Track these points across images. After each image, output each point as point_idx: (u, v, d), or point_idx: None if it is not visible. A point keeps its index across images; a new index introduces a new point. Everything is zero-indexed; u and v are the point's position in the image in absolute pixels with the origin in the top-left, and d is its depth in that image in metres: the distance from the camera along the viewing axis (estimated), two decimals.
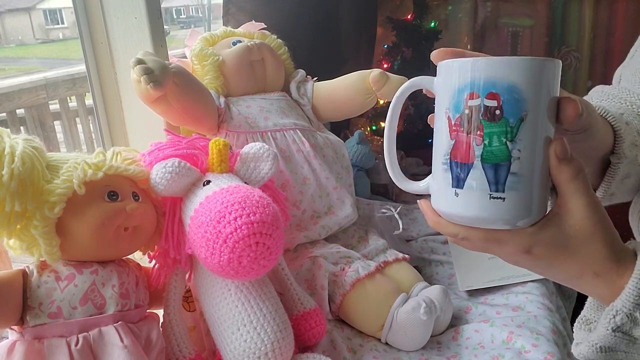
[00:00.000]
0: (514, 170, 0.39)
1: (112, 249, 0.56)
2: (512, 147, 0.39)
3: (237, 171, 0.63)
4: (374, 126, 1.55)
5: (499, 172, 0.39)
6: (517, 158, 0.39)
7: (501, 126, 0.39)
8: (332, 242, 0.85)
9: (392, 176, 0.47)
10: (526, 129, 0.39)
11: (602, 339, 0.40)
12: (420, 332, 0.69)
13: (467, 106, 0.39)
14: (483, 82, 0.39)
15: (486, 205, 0.40)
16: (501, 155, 0.39)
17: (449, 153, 0.41)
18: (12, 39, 5.75)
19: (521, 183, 0.39)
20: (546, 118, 0.39)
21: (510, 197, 0.39)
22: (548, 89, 0.39)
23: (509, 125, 0.39)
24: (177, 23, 9.05)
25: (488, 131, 0.39)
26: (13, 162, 0.49)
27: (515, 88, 0.38)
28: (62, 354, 0.50)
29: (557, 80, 0.40)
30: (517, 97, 0.38)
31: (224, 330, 0.59)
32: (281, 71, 0.92)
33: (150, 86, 0.66)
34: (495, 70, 0.39)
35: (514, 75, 0.38)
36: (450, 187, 0.41)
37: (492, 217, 0.40)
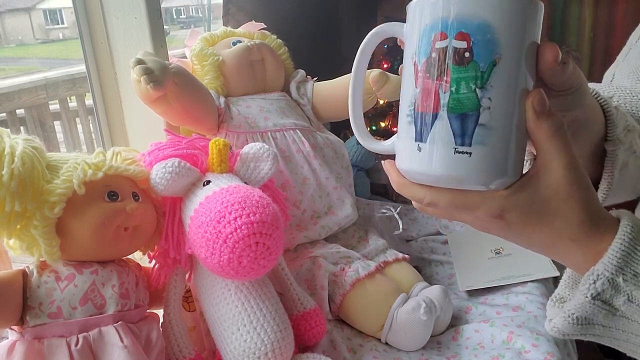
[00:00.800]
0: (483, 121, 0.34)
1: (112, 249, 0.56)
2: (481, 95, 0.34)
3: (237, 171, 0.64)
4: (374, 126, 1.55)
5: (465, 122, 0.35)
6: (487, 108, 0.34)
7: (470, 70, 0.34)
8: (332, 242, 0.85)
9: (357, 135, 0.43)
10: (499, 75, 0.34)
11: (579, 307, 0.36)
12: (420, 332, 0.69)
13: (435, 48, 0.35)
14: (452, 21, 0.34)
15: (451, 160, 0.35)
16: (469, 103, 0.34)
17: (413, 103, 0.37)
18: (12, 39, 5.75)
19: (491, 137, 0.34)
20: (524, 66, 0.35)
21: (478, 152, 0.35)
22: (526, 32, 0.34)
23: (480, 70, 0.34)
24: (177, 23, 9.05)
25: (456, 76, 0.34)
26: (13, 162, 0.49)
27: (487, 27, 0.34)
28: (62, 354, 0.50)
29: (538, 24, 0.35)
30: (489, 38, 0.34)
31: (224, 330, 0.59)
32: (281, 71, 0.92)
33: (150, 86, 0.66)
34: (466, 7, 0.34)
35: (487, 13, 0.34)
36: (413, 142, 0.36)
37: (459, 175, 0.35)
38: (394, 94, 0.88)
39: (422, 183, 0.38)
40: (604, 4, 1.59)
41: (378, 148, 0.42)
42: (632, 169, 0.51)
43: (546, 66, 0.35)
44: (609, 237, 0.36)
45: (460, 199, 0.37)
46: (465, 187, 0.37)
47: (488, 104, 0.34)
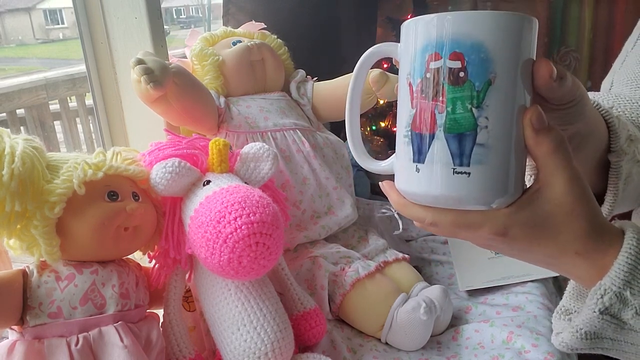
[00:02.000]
0: (481, 141, 0.34)
1: (112, 249, 0.56)
2: (478, 115, 0.34)
3: (237, 171, 0.64)
4: (374, 126, 1.55)
5: (463, 142, 0.35)
6: (484, 127, 0.34)
7: (465, 90, 0.34)
8: (332, 242, 0.85)
9: (354, 154, 0.43)
10: (495, 94, 0.34)
11: (587, 323, 0.36)
12: (420, 332, 0.69)
13: (429, 69, 0.35)
14: (446, 41, 0.34)
15: (450, 181, 0.35)
16: (466, 123, 0.34)
17: (409, 124, 0.36)
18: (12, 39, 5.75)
19: (490, 156, 0.34)
20: (520, 83, 0.34)
21: (477, 172, 0.34)
22: (521, 50, 0.34)
23: (475, 90, 0.34)
24: (177, 23, 9.06)
25: (451, 96, 0.34)
26: (13, 162, 0.49)
27: (481, 46, 0.34)
28: (62, 354, 0.50)
29: (533, 40, 0.35)
30: (483, 57, 0.34)
31: (224, 330, 0.59)
32: (281, 71, 0.92)
33: (150, 86, 0.66)
34: (459, 27, 0.34)
35: (480, 32, 0.33)
36: (411, 162, 0.36)
37: (458, 195, 0.35)
38: (394, 94, 0.88)
39: (422, 204, 0.38)
40: (604, 4, 1.59)
41: (376, 169, 0.42)
42: (637, 179, 0.50)
43: (542, 82, 0.35)
44: (615, 250, 0.35)
45: (462, 219, 0.37)
46: (465, 208, 0.36)
47: (485, 123, 0.34)
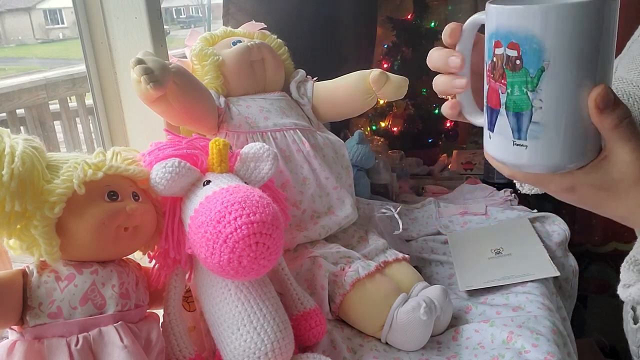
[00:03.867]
0: (536, 119, 0.39)
1: (112, 249, 0.56)
2: (532, 97, 0.39)
3: (237, 171, 0.63)
4: (374, 126, 1.55)
5: (520, 120, 0.40)
6: (539, 108, 0.39)
7: (521, 76, 0.39)
8: (332, 242, 0.85)
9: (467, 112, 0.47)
10: (548, 79, 0.38)
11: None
12: (420, 332, 0.69)
13: (495, 54, 0.40)
14: (504, 32, 0.39)
15: (511, 151, 0.41)
16: (522, 104, 0.39)
17: (485, 97, 0.43)
18: (12, 39, 5.76)
19: (544, 132, 0.39)
20: (577, 67, 0.38)
21: (533, 145, 0.40)
22: (574, 39, 0.37)
23: (529, 75, 0.38)
24: (177, 23, 9.06)
25: (510, 80, 0.39)
26: (13, 162, 0.49)
27: (533, 38, 0.37)
28: (62, 354, 0.50)
29: (596, 25, 0.37)
30: (535, 47, 0.37)
31: (224, 330, 0.59)
32: (281, 71, 0.92)
33: (150, 86, 0.66)
34: (514, 20, 0.38)
35: (532, 25, 0.37)
36: (487, 129, 0.43)
37: (518, 163, 0.41)
38: (394, 94, 0.88)
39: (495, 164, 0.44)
40: None
41: (480, 122, 0.47)
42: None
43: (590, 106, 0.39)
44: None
45: (531, 176, 0.43)
46: (525, 172, 0.42)
47: (539, 105, 0.38)
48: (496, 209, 1.04)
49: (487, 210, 1.04)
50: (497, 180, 1.25)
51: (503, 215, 1.02)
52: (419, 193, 1.25)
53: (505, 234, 0.94)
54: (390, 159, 1.31)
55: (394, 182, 1.20)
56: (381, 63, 1.57)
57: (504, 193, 1.12)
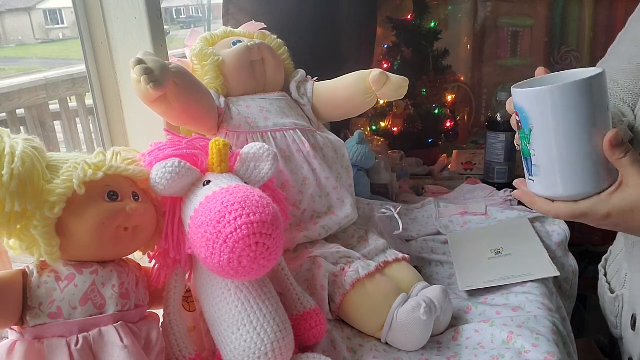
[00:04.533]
0: (534, 162, 0.57)
1: (112, 249, 0.56)
2: (530, 147, 0.56)
3: (237, 171, 0.63)
4: (374, 126, 1.55)
5: (527, 162, 0.58)
6: (534, 155, 0.56)
7: (522, 133, 0.57)
8: (332, 242, 0.85)
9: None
10: (536, 136, 0.55)
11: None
12: (420, 332, 0.69)
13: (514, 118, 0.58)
14: (515, 106, 0.56)
15: (529, 184, 0.59)
16: (526, 152, 0.57)
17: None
18: (12, 39, 5.76)
19: (540, 171, 0.56)
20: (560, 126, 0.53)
21: (537, 179, 0.57)
22: (552, 110, 0.53)
23: (525, 133, 0.56)
24: (177, 23, 9.06)
25: (520, 136, 0.58)
26: (13, 162, 0.49)
27: (522, 109, 0.55)
28: (62, 354, 0.50)
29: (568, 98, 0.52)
30: (524, 115, 0.55)
31: (224, 330, 0.59)
32: (281, 71, 0.92)
33: (150, 86, 0.66)
34: (515, 98, 0.56)
35: (521, 101, 0.55)
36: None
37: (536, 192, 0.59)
38: (393, 94, 0.88)
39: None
40: (604, 4, 1.59)
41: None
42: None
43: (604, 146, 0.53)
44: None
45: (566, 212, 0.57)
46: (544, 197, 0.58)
47: (534, 152, 0.56)
48: (496, 209, 1.04)
49: (487, 210, 1.04)
50: (497, 180, 1.25)
51: (503, 215, 1.02)
52: (419, 193, 1.25)
53: (505, 234, 0.94)
54: (390, 159, 1.31)
55: (394, 182, 1.20)
56: (381, 63, 1.57)
57: (504, 193, 1.12)
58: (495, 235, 0.95)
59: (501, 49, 1.71)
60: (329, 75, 0.95)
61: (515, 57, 1.71)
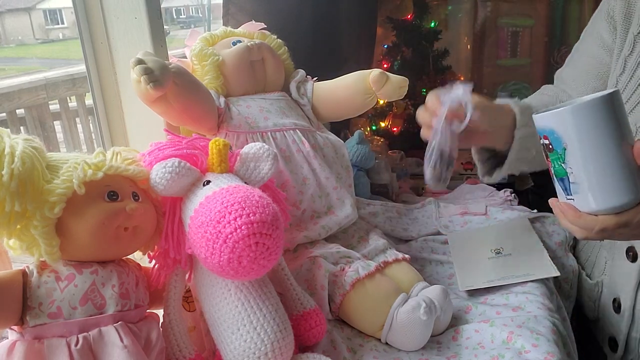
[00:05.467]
0: (572, 180, 0.59)
1: (112, 249, 0.56)
2: (565, 167, 0.59)
3: (237, 171, 0.63)
4: (374, 126, 1.55)
5: (564, 183, 0.60)
6: (571, 173, 0.59)
7: (554, 155, 0.59)
8: (332, 242, 0.85)
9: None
10: (570, 154, 0.58)
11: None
12: (420, 332, 0.69)
13: (542, 144, 0.61)
14: (539, 130, 0.60)
15: (570, 203, 0.61)
16: (561, 172, 0.60)
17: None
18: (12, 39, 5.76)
19: (579, 188, 0.59)
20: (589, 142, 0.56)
21: (577, 197, 0.60)
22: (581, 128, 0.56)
23: (558, 154, 0.59)
24: (177, 23, 9.06)
25: (551, 158, 0.60)
26: (13, 162, 0.49)
27: (553, 132, 0.58)
28: (62, 354, 0.50)
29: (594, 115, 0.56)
30: (556, 136, 0.58)
31: (224, 330, 0.59)
32: (281, 71, 0.92)
33: (150, 86, 0.66)
34: (540, 122, 0.60)
35: (551, 125, 0.59)
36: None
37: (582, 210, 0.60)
38: (394, 94, 0.88)
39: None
40: None
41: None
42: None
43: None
44: None
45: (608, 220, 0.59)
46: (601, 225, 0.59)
47: (571, 170, 0.59)
48: (496, 209, 1.04)
49: (487, 210, 1.04)
50: None
51: (503, 215, 1.02)
52: (419, 193, 1.25)
53: (505, 234, 0.94)
54: (390, 159, 1.31)
55: (394, 182, 1.20)
56: (381, 63, 1.57)
57: (504, 193, 1.12)
58: (495, 235, 0.95)
59: (501, 49, 1.71)
60: (329, 75, 0.95)
61: (515, 57, 1.71)
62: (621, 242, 0.80)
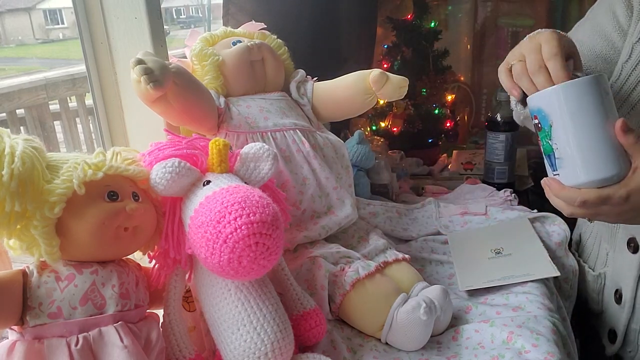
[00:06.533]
0: (557, 155, 0.62)
1: (112, 249, 0.56)
2: (551, 143, 0.62)
3: (237, 171, 0.63)
4: (374, 126, 1.55)
5: (551, 159, 0.64)
6: (556, 148, 0.62)
7: (542, 132, 0.63)
8: (332, 242, 0.85)
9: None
10: (555, 131, 0.61)
11: None
12: (420, 332, 0.69)
13: (533, 124, 0.64)
14: (531, 110, 0.64)
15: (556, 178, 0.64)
16: (548, 149, 0.63)
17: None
18: (12, 39, 5.76)
19: (563, 163, 0.62)
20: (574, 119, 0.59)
21: (562, 172, 0.63)
22: (567, 106, 0.60)
23: (545, 131, 0.62)
24: (177, 23, 9.07)
25: (540, 136, 0.63)
26: (13, 162, 0.49)
27: (540, 110, 0.62)
28: (62, 354, 0.50)
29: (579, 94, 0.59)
30: (542, 115, 0.62)
31: (224, 330, 0.59)
32: (281, 71, 0.92)
33: (150, 86, 0.66)
34: (532, 102, 0.63)
35: (537, 103, 0.63)
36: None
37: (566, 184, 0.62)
38: (394, 94, 0.88)
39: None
40: None
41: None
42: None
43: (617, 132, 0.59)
44: None
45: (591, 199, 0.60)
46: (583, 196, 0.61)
47: (556, 146, 0.62)
48: (496, 209, 1.04)
49: (487, 210, 1.04)
50: (497, 180, 1.25)
51: (503, 215, 1.02)
52: (419, 193, 1.25)
53: (505, 234, 0.94)
54: (390, 159, 1.31)
55: (394, 182, 1.20)
56: (381, 63, 1.56)
57: (504, 193, 1.12)
58: (495, 235, 0.95)
59: (501, 49, 1.71)
60: (329, 75, 0.95)
61: None
62: (622, 233, 0.80)
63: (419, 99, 1.51)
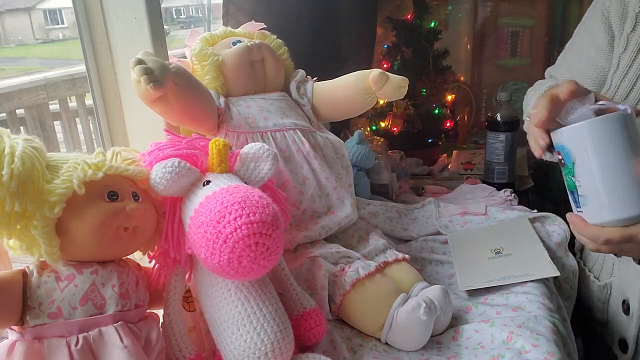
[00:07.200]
0: (580, 193, 0.62)
1: (112, 249, 0.56)
2: (574, 180, 0.62)
3: (237, 171, 0.64)
4: (374, 126, 1.55)
5: (574, 195, 0.63)
6: (579, 186, 0.61)
7: (566, 169, 0.62)
8: (332, 242, 0.85)
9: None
10: (579, 168, 0.60)
11: None
12: (420, 332, 0.69)
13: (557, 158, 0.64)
14: (555, 146, 0.63)
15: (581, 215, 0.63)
16: (571, 185, 0.63)
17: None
18: (12, 39, 5.76)
19: (587, 201, 0.61)
20: (598, 156, 0.59)
21: (585, 209, 0.62)
22: (591, 143, 0.59)
23: (569, 168, 0.62)
24: (177, 23, 9.07)
25: (564, 172, 0.63)
26: (13, 162, 0.49)
27: (563, 147, 0.61)
28: (62, 354, 0.50)
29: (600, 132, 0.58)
30: (565, 152, 0.61)
31: (224, 330, 0.59)
32: (281, 71, 0.92)
33: (150, 86, 0.66)
34: (556, 138, 0.62)
35: (560, 139, 0.62)
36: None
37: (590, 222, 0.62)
38: (394, 94, 0.88)
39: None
40: None
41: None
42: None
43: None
44: None
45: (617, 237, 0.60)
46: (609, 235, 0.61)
47: (579, 184, 0.61)
48: (496, 209, 1.04)
49: (487, 210, 1.04)
50: (497, 180, 1.25)
51: (503, 215, 1.02)
52: (419, 193, 1.25)
53: (505, 234, 0.94)
54: (390, 159, 1.31)
55: (394, 182, 1.20)
56: (381, 63, 1.56)
57: (504, 193, 1.12)
58: (495, 235, 0.95)
59: (501, 49, 1.71)
60: (329, 75, 0.95)
61: (515, 57, 1.71)
62: None
63: (419, 99, 1.51)
